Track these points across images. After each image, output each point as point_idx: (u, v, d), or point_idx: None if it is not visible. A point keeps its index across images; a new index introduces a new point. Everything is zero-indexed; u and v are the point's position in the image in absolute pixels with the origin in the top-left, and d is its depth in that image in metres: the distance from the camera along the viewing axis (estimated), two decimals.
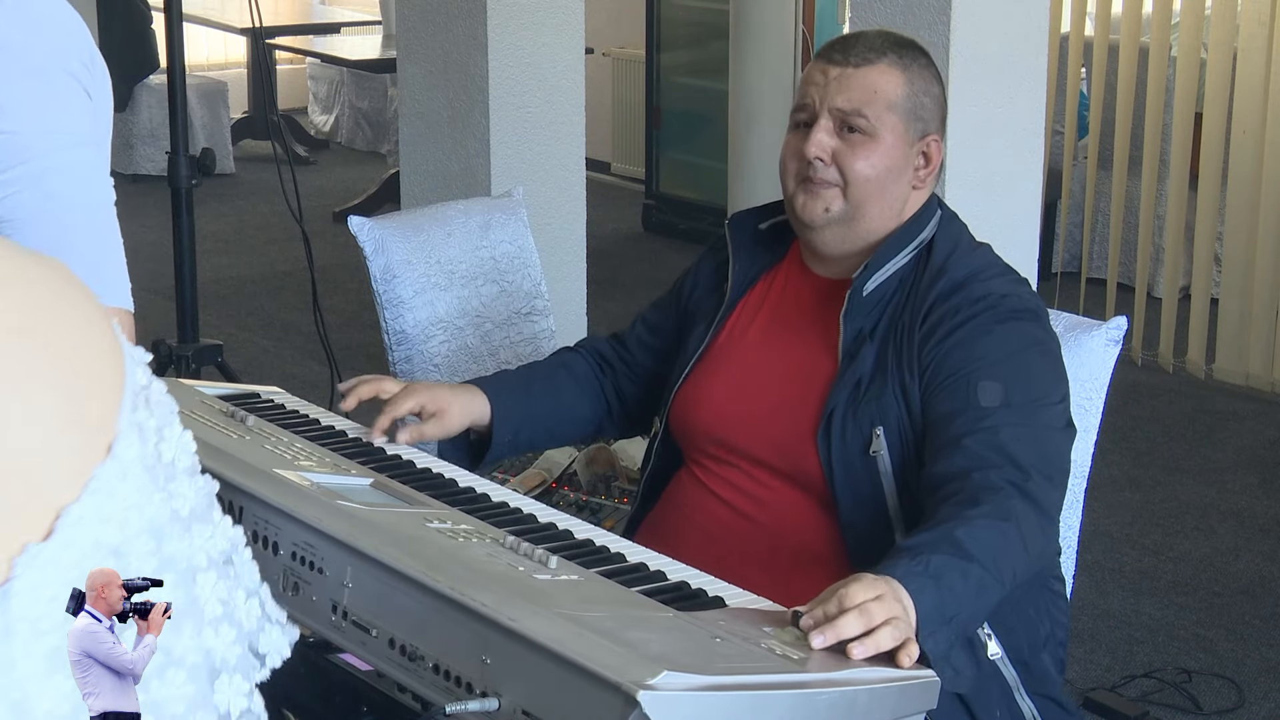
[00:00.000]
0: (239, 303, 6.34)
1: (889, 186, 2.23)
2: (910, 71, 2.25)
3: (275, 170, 4.02)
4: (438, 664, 1.62)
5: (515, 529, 1.91)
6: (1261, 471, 4.72)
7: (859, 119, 2.21)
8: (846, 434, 2.15)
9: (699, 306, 2.40)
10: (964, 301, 2.16)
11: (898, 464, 2.13)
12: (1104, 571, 4.03)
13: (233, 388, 2.44)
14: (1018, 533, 1.94)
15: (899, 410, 2.14)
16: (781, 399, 2.24)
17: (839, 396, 2.16)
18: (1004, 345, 2.13)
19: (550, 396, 2.46)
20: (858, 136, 2.22)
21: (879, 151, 2.22)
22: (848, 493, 2.15)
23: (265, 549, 1.84)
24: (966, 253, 2.24)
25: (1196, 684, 3.51)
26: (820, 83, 2.24)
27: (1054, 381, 2.16)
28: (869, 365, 2.17)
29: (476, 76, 4.34)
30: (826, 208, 2.24)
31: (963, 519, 1.91)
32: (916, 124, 2.24)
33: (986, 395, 2.08)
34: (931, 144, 2.27)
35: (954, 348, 2.13)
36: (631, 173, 8.15)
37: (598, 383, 2.50)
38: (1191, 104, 5.56)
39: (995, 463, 2.01)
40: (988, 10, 3.49)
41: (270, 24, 8.28)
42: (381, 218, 3.17)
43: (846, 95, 2.22)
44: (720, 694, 1.49)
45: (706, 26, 7.28)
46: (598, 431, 2.57)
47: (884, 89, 2.22)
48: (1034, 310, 2.20)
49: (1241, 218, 5.47)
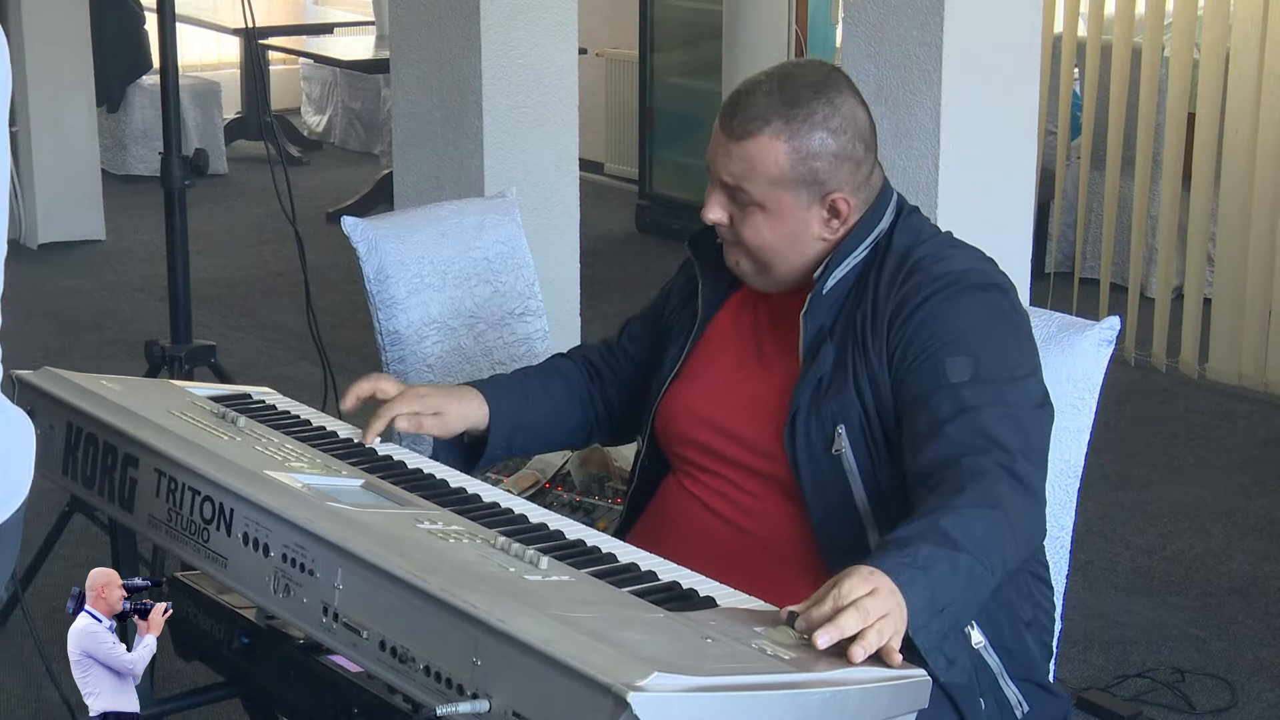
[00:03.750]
0: (232, 303, 6.33)
1: (790, 248, 2.20)
2: (798, 138, 2.14)
3: (268, 171, 4.01)
4: (428, 665, 1.61)
5: (506, 530, 1.91)
6: (1254, 471, 4.72)
7: (743, 194, 2.17)
8: (811, 434, 2.15)
9: (674, 322, 2.41)
10: (926, 279, 2.14)
11: (864, 462, 2.12)
12: (1097, 571, 4.03)
13: (224, 389, 2.43)
14: (1006, 519, 1.93)
15: (861, 407, 2.13)
16: (752, 405, 2.25)
17: (802, 397, 2.16)
18: (968, 318, 2.11)
19: (546, 402, 2.46)
20: (749, 207, 2.18)
21: (768, 222, 2.18)
22: (817, 493, 2.14)
23: (256, 551, 1.84)
24: (926, 236, 2.22)
25: (1189, 684, 3.51)
26: (714, 147, 2.20)
27: (1023, 354, 2.14)
28: (829, 364, 2.16)
29: (470, 77, 4.33)
30: (736, 261, 2.25)
31: (950, 508, 1.90)
32: (810, 188, 2.17)
33: (955, 370, 2.07)
34: (835, 201, 2.18)
35: (919, 326, 2.11)
36: (625, 173, 8.15)
37: (588, 390, 2.51)
38: (1184, 104, 5.56)
39: (981, 447, 1.99)
40: (980, 10, 3.49)
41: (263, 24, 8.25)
42: (375, 218, 3.17)
43: (729, 170, 2.17)
44: (711, 695, 1.49)
45: (699, 27, 7.28)
46: (588, 438, 2.58)
47: (764, 165, 2.15)
48: (999, 284, 2.18)
49: (1234, 218, 5.47)
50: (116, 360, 5.24)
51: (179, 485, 1.97)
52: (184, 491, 1.96)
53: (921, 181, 3.42)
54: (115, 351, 5.51)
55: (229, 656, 2.05)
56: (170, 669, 3.04)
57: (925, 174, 3.44)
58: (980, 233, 2.33)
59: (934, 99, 3.43)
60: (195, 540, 1.94)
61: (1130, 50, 5.71)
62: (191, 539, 1.94)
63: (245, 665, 2.05)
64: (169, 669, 3.05)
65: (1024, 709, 2.13)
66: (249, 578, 1.85)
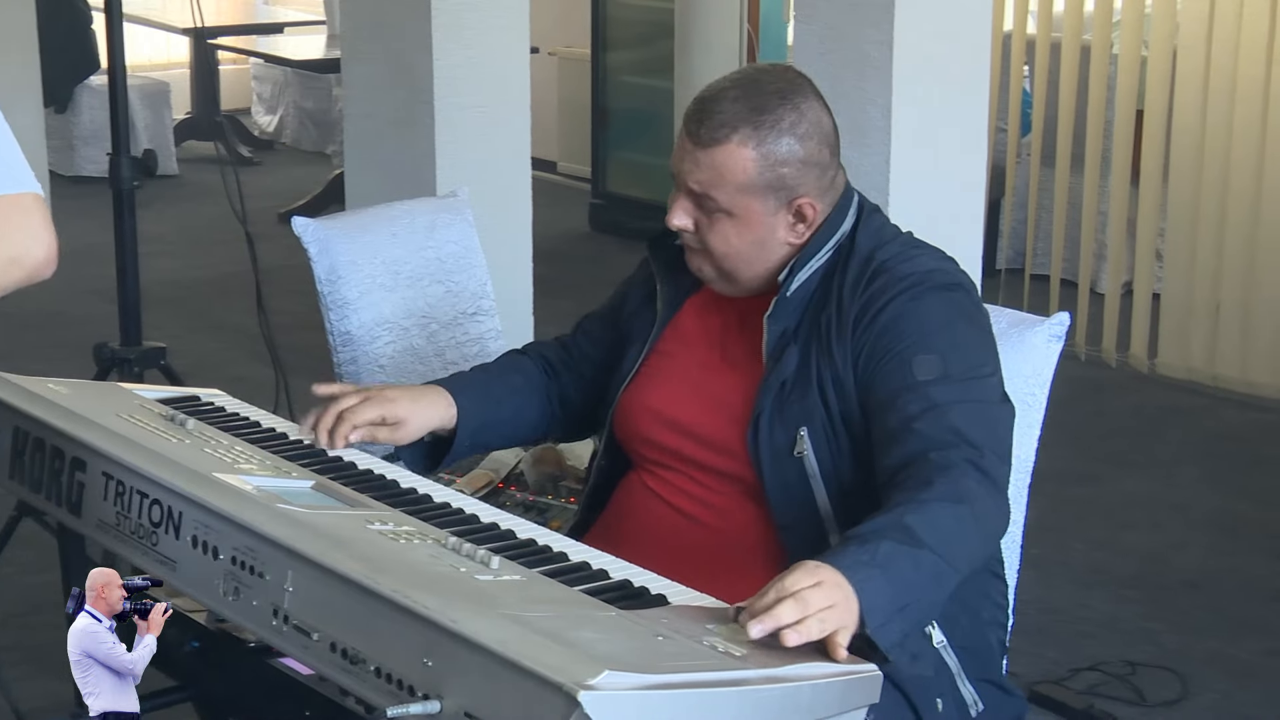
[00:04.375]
0: (184, 305, 6.29)
1: (756, 254, 2.20)
2: (765, 144, 2.14)
3: (219, 171, 3.99)
4: (379, 667, 1.61)
5: (457, 530, 1.91)
6: (1205, 464, 4.76)
7: (710, 201, 2.17)
8: (774, 436, 2.15)
9: (633, 322, 2.40)
10: (891, 280, 2.15)
11: (826, 465, 2.13)
12: (1050, 566, 4.05)
13: (173, 391, 2.42)
14: (972, 514, 1.94)
15: (824, 410, 2.13)
16: (714, 407, 2.24)
17: (765, 400, 2.16)
18: (935, 317, 2.12)
19: (509, 399, 2.45)
20: (715, 214, 2.18)
21: (735, 229, 2.18)
22: (780, 496, 2.15)
23: (205, 554, 1.83)
24: (889, 237, 2.23)
25: (1141, 676, 3.53)
26: (679, 155, 2.20)
27: (986, 352, 2.15)
28: (792, 367, 2.16)
29: (422, 76, 4.32)
30: (700, 267, 2.24)
31: (916, 503, 1.90)
32: (778, 194, 2.17)
33: (923, 369, 2.07)
34: (803, 206, 2.18)
35: (886, 327, 2.12)
36: (578, 172, 8.14)
37: (544, 387, 2.49)
38: (1133, 101, 5.60)
39: (950, 443, 2.00)
40: (931, 9, 3.50)
41: (213, 24, 8.23)
42: (326, 218, 3.15)
43: (696, 177, 2.17)
44: (663, 693, 1.49)
45: (652, 25, 7.28)
46: (545, 435, 2.57)
47: (732, 172, 2.15)
48: (961, 284, 2.19)
49: (1183, 213, 5.51)
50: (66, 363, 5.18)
51: (127, 489, 1.95)
52: (132, 495, 1.94)
53: (874, 179, 3.43)
54: (64, 354, 5.46)
55: (180, 660, 2.04)
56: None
57: (877, 171, 3.45)
58: (932, 229, 2.34)
59: (885, 97, 3.44)
60: (144, 544, 1.92)
61: (1079, 48, 5.74)
62: (140, 542, 1.93)
63: (197, 669, 2.03)
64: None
65: (979, 708, 2.14)
66: (199, 581, 1.84)
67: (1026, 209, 6.27)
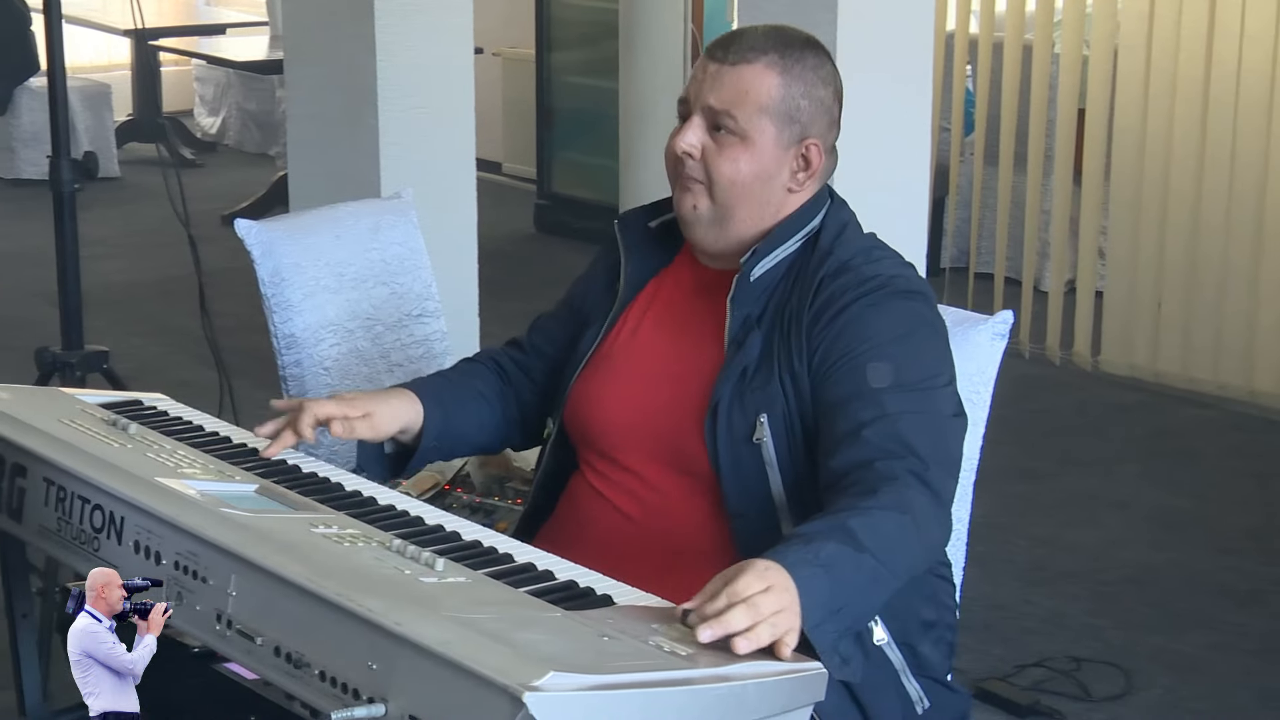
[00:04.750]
0: (128, 308, 6.25)
1: (757, 190, 2.20)
2: (791, 74, 2.18)
3: (162, 173, 3.96)
4: (324, 671, 1.60)
5: (402, 532, 1.90)
6: (1147, 461, 4.80)
7: (728, 119, 2.17)
8: (733, 422, 2.14)
9: (592, 308, 2.39)
10: (852, 281, 2.15)
11: (783, 453, 2.13)
12: (995, 563, 4.08)
13: (115, 395, 2.40)
14: (914, 524, 1.94)
15: (784, 399, 2.13)
16: (671, 391, 2.23)
17: (725, 385, 2.16)
18: (893, 325, 2.12)
19: (470, 405, 2.42)
20: (726, 137, 2.17)
21: (746, 155, 2.18)
22: (734, 483, 2.14)
23: (148, 559, 1.82)
24: (853, 236, 2.24)
25: (1086, 672, 3.56)
26: (700, 78, 2.21)
27: (943, 363, 2.16)
28: (755, 353, 2.16)
29: (365, 77, 4.31)
30: (695, 205, 2.21)
31: (859, 509, 1.91)
32: (793, 127, 2.19)
33: (876, 376, 2.07)
34: (811, 147, 2.21)
35: (843, 329, 2.12)
36: (523, 172, 8.13)
37: (501, 393, 2.47)
38: (1075, 100, 5.64)
39: (896, 453, 2.00)
40: (874, 8, 3.51)
41: (154, 25, 8.18)
42: (269, 220, 3.14)
43: (718, 95, 2.17)
44: (608, 693, 1.49)
45: (597, 26, 7.28)
46: (505, 442, 2.54)
47: (756, 90, 2.17)
48: (922, 292, 2.20)
49: (1124, 212, 5.56)
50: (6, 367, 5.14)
51: (68, 494, 1.94)
52: (73, 500, 1.93)
53: None
54: (5, 358, 5.42)
55: None
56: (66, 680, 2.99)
57: None
58: (876, 228, 2.34)
59: None
60: (86, 549, 1.91)
61: (1021, 47, 5.78)
62: (82, 548, 1.92)
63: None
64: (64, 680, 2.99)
65: (925, 705, 2.15)
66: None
67: (970, 208, 6.31)
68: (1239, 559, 4.14)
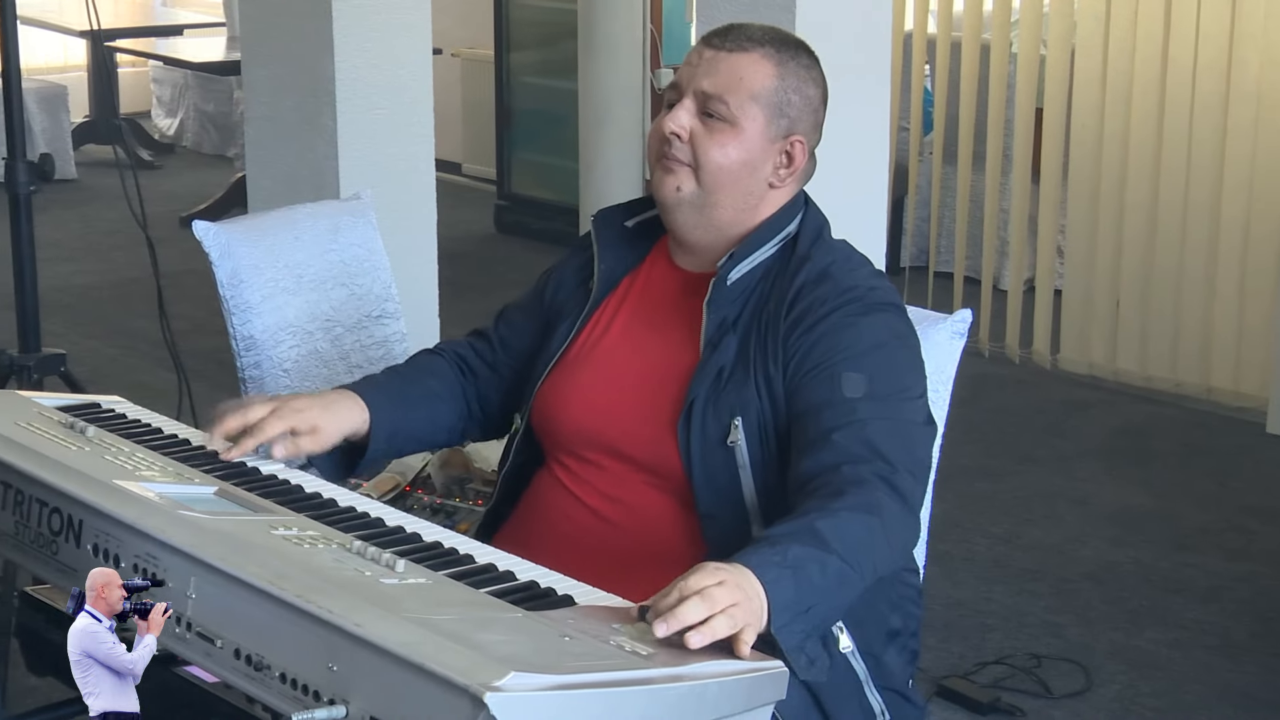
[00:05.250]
0: (85, 311, 6.22)
1: (742, 178, 2.21)
2: (785, 67, 2.22)
3: (119, 175, 3.94)
4: (284, 673, 1.60)
5: (363, 533, 1.89)
6: (1106, 459, 4.82)
7: (719, 105, 2.19)
8: (707, 424, 2.15)
9: (563, 305, 2.38)
10: (831, 292, 2.16)
11: (756, 456, 2.13)
12: (956, 561, 4.10)
13: (72, 398, 2.38)
14: (881, 526, 1.95)
15: (759, 402, 2.14)
16: (643, 392, 2.24)
17: (700, 386, 2.16)
18: (870, 337, 2.14)
19: (424, 402, 2.41)
20: (717, 122, 2.19)
21: (735, 141, 2.19)
22: (706, 484, 2.15)
23: (106, 562, 1.81)
24: (828, 243, 2.26)
25: (1046, 669, 3.58)
26: (694, 63, 2.23)
27: (915, 376, 2.18)
28: (731, 355, 2.17)
29: (323, 78, 4.30)
30: (678, 186, 2.22)
31: (826, 511, 1.92)
32: (781, 120, 2.21)
33: (850, 386, 2.09)
34: (795, 144, 2.23)
35: (820, 338, 2.13)
36: (482, 173, 8.12)
37: (460, 388, 2.46)
38: (1032, 99, 5.67)
39: (864, 457, 2.01)
40: (832, 9, 3.52)
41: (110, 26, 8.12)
42: (227, 222, 3.12)
43: (712, 79, 2.20)
44: (569, 693, 1.49)
45: (555, 26, 7.28)
46: (461, 437, 2.53)
47: (750, 78, 2.20)
48: (896, 305, 2.22)
49: (1082, 210, 5.59)
50: None
51: (26, 497, 1.93)
52: (31, 504, 1.92)
53: None
54: None
55: None
56: (23, 685, 2.98)
57: None
58: (836, 228, 2.35)
59: None
60: (44, 553, 1.90)
61: (979, 47, 5.81)
62: (40, 552, 1.91)
63: None
64: (22, 685, 2.98)
65: (885, 717, 2.16)
66: None
67: (929, 207, 6.33)
68: (1198, 556, 4.16)
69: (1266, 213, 5.14)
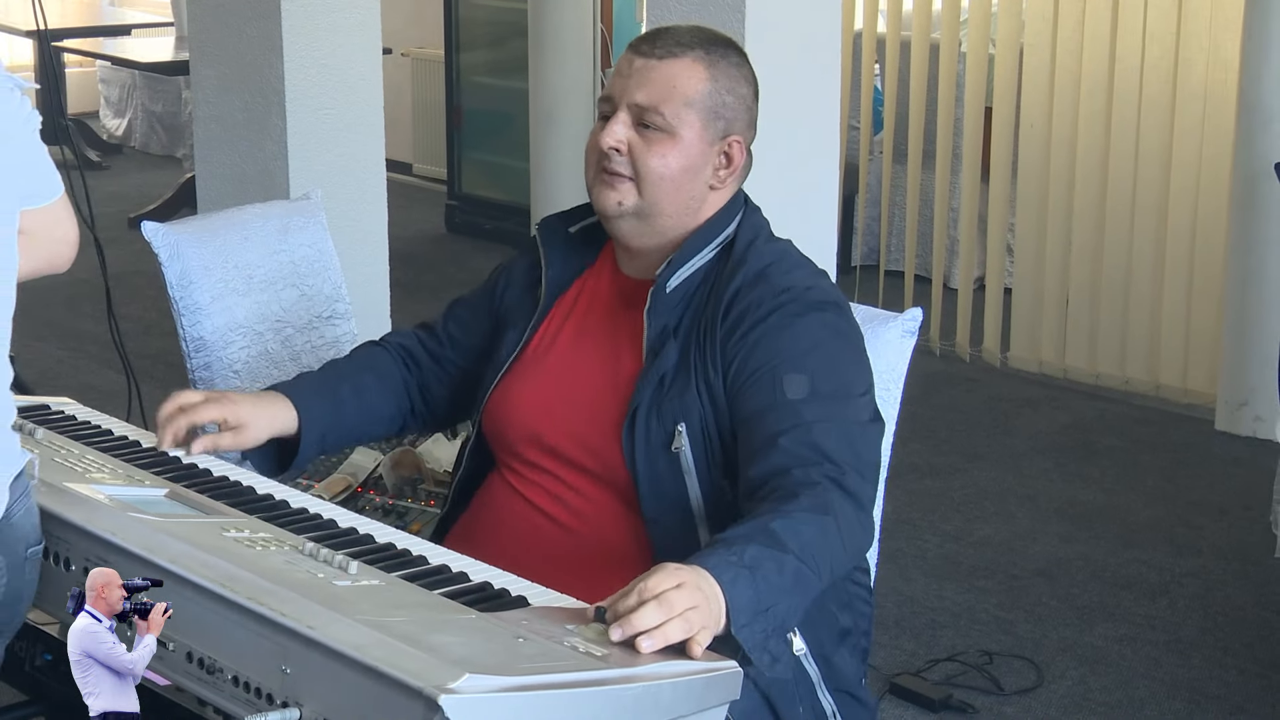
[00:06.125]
0: (33, 313, 6.14)
1: (684, 185, 2.21)
2: (716, 69, 2.21)
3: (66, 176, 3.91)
4: (237, 676, 1.59)
5: (315, 535, 1.89)
6: (1055, 456, 4.85)
7: (655, 115, 2.18)
8: (650, 430, 2.15)
9: (512, 310, 2.38)
10: (767, 294, 2.16)
11: (700, 461, 2.14)
12: (906, 558, 4.11)
13: (21, 400, 2.37)
14: (835, 526, 1.96)
15: (702, 408, 2.14)
16: (590, 398, 2.24)
17: (643, 393, 2.17)
18: (808, 337, 2.14)
19: (356, 399, 2.42)
20: (654, 133, 2.19)
21: (674, 150, 2.19)
22: (651, 490, 2.15)
23: (57, 565, 1.80)
24: (765, 244, 2.25)
25: (998, 665, 3.59)
26: (625, 73, 2.22)
27: (859, 373, 2.18)
28: (672, 362, 2.17)
29: (272, 79, 4.28)
30: (620, 200, 2.22)
31: (780, 512, 1.92)
32: (717, 123, 2.21)
33: (792, 388, 2.09)
34: (733, 144, 2.23)
35: (758, 341, 2.13)
36: (433, 173, 8.10)
37: (403, 381, 2.46)
38: (981, 99, 5.70)
39: (812, 460, 2.02)
40: (782, 9, 3.53)
41: (57, 26, 8.06)
42: (176, 223, 3.11)
43: (646, 90, 2.19)
44: (523, 694, 1.49)
45: (505, 26, 7.27)
46: (401, 430, 2.54)
47: (683, 85, 2.19)
48: (836, 302, 2.21)
49: (1031, 209, 5.62)
50: None
51: None
52: None
53: None
54: None
55: (31, 674, 2.00)
56: None
57: None
58: (787, 227, 2.36)
59: None
60: None
61: (928, 46, 5.83)
62: None
63: (48, 682, 2.00)
64: None
65: (837, 719, 2.17)
66: (50, 593, 1.81)
67: (880, 206, 6.36)
68: (1147, 552, 4.19)
69: (1213, 211, 5.18)
